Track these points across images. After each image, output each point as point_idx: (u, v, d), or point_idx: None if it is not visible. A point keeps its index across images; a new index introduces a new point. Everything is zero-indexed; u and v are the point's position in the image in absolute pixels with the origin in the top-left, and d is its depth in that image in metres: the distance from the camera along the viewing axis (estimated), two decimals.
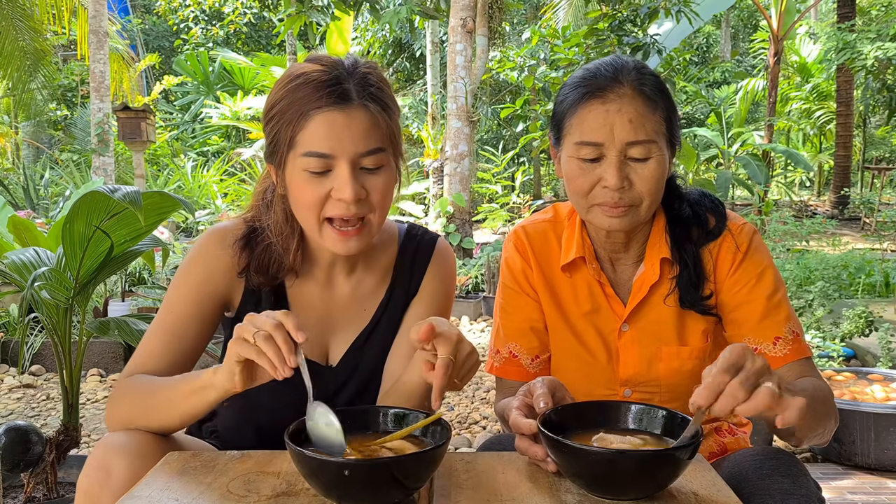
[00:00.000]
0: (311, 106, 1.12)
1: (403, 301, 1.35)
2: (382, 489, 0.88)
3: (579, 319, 1.37)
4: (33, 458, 2.29)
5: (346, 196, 1.13)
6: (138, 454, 1.07)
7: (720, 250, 1.32)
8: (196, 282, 1.27)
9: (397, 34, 15.53)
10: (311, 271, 1.32)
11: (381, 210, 1.20)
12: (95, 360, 4.54)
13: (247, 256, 1.27)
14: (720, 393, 0.88)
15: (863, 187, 15.62)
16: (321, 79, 1.13)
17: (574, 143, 1.24)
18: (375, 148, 1.15)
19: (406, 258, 1.36)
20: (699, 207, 1.35)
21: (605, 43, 7.48)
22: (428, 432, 0.99)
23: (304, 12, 7.90)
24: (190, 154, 13.74)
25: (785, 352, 1.27)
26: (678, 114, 1.30)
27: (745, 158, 11.18)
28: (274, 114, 1.16)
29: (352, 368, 1.33)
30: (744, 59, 21.53)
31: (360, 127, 1.14)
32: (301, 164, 1.14)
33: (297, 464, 0.90)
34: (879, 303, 4.92)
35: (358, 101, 1.14)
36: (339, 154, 1.13)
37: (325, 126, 1.12)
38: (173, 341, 1.24)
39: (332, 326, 1.33)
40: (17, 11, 8.82)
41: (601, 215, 1.25)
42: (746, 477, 1.12)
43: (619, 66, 1.25)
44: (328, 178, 1.15)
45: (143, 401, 1.14)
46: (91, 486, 1.06)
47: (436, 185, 10.70)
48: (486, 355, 1.53)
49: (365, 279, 1.34)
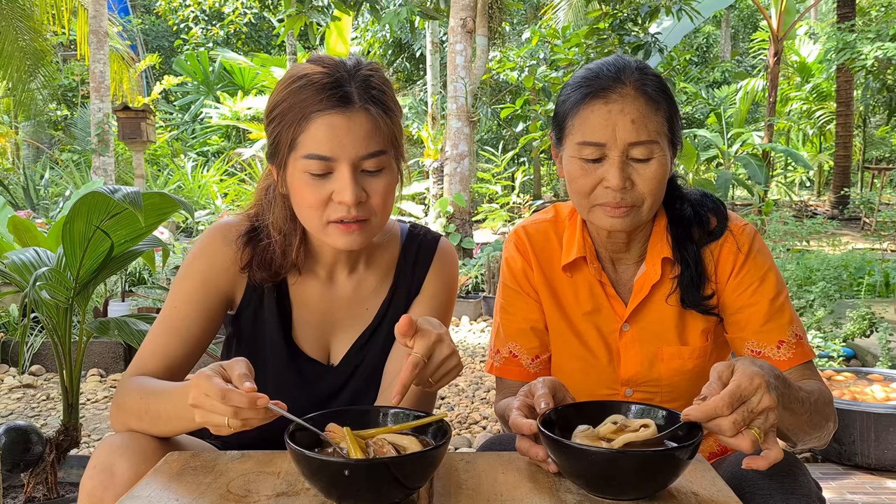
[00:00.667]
0: (313, 108, 1.13)
1: (405, 300, 1.35)
2: (382, 489, 0.88)
3: (580, 319, 1.37)
4: (33, 458, 2.29)
5: (346, 199, 1.13)
6: (141, 455, 1.07)
7: (721, 251, 1.32)
8: (200, 278, 1.26)
9: (397, 35, 15.53)
10: (313, 269, 1.32)
11: (381, 212, 1.20)
12: (95, 360, 4.54)
13: (250, 252, 1.27)
14: (713, 418, 0.91)
15: (863, 187, 15.62)
16: (323, 81, 1.14)
17: (576, 144, 1.24)
18: (376, 151, 1.16)
19: (408, 258, 1.36)
20: (700, 208, 1.35)
21: (606, 42, 7.48)
22: (428, 432, 0.99)
23: (305, 13, 7.90)
24: (190, 154, 13.74)
25: (789, 355, 1.27)
26: (680, 114, 1.30)
27: (745, 158, 11.18)
28: (276, 115, 1.17)
29: (353, 368, 1.33)
30: (744, 59, 21.54)
31: (361, 130, 1.14)
32: (302, 166, 1.14)
33: (297, 464, 0.90)
34: (880, 303, 4.92)
35: (359, 105, 1.14)
36: (339, 157, 1.13)
37: (326, 129, 1.12)
38: (177, 339, 1.23)
39: (333, 325, 1.33)
40: (16, 12, 8.82)
41: (603, 215, 1.25)
42: (747, 476, 1.12)
43: (621, 66, 1.25)
44: (329, 181, 1.15)
45: (139, 412, 1.13)
46: (94, 488, 1.06)
47: (436, 185, 10.70)
48: (486, 355, 1.53)
49: (367, 278, 1.34)
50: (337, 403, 1.31)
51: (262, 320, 1.31)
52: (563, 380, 1.13)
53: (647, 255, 1.34)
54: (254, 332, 1.32)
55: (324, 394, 1.32)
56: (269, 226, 1.27)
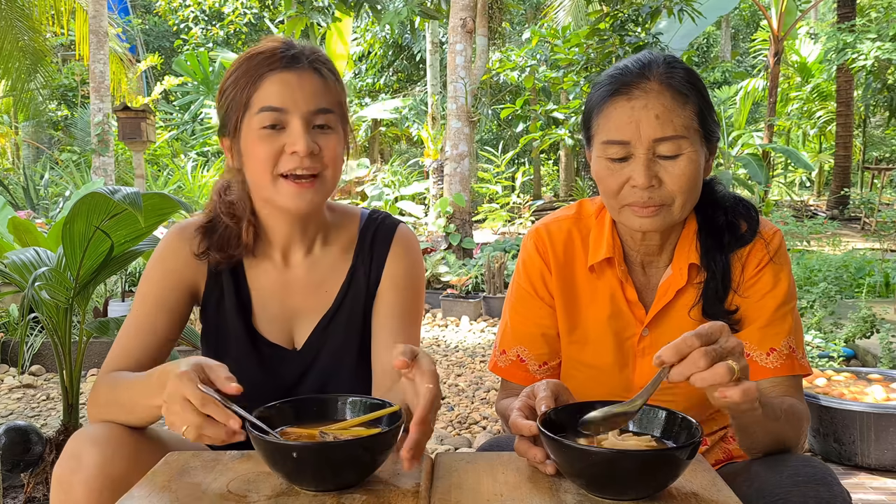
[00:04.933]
0: (265, 69, 1.20)
1: (365, 284, 1.35)
2: (333, 471, 0.90)
3: (597, 324, 1.33)
4: (33, 458, 2.30)
5: (299, 148, 1.19)
6: (108, 443, 1.10)
7: (749, 257, 1.29)
8: (161, 276, 1.31)
9: (397, 34, 15.54)
10: (267, 252, 1.34)
11: (333, 167, 1.24)
12: (95, 360, 4.53)
13: (207, 240, 1.31)
14: (685, 356, 0.91)
15: (863, 187, 15.62)
16: (273, 48, 1.23)
17: (601, 143, 1.21)
18: (326, 108, 1.22)
19: (366, 239, 1.37)
20: (733, 214, 1.30)
21: (608, 43, 7.48)
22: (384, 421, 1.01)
23: (306, 14, 7.91)
24: (190, 154, 13.75)
25: (776, 364, 1.24)
26: (714, 108, 1.25)
27: (745, 158, 11.18)
28: (228, 85, 1.24)
29: (316, 352, 1.34)
30: (744, 59, 21.55)
31: (311, 86, 1.21)
32: (256, 122, 1.20)
33: (257, 449, 0.92)
34: (880, 303, 4.92)
35: (308, 65, 1.22)
36: (292, 109, 1.20)
37: (278, 84, 1.20)
38: (146, 336, 1.28)
39: (294, 309, 1.34)
40: (16, 12, 8.81)
41: (632, 216, 1.22)
42: (781, 483, 1.08)
43: (647, 62, 1.21)
44: (282, 135, 1.20)
45: (108, 404, 1.17)
46: (63, 474, 1.09)
47: (436, 185, 10.71)
48: (486, 356, 1.52)
49: (323, 259, 1.35)
50: (302, 389, 1.33)
51: (224, 308, 1.34)
52: (572, 387, 1.11)
53: (674, 259, 1.30)
54: (217, 320, 1.34)
55: (288, 379, 1.34)
56: (223, 209, 1.31)
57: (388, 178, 12.87)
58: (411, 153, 17.81)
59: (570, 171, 17.33)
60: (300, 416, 1.02)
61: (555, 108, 8.66)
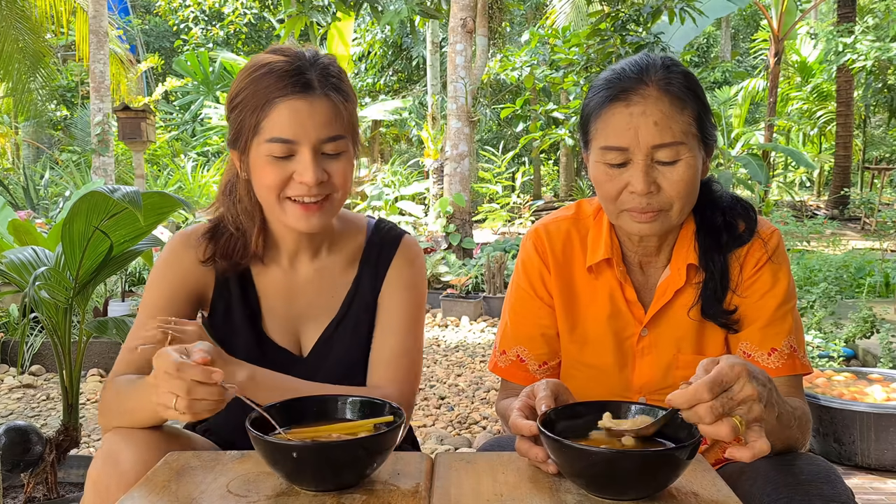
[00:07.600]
0: (276, 94, 1.17)
1: (371, 293, 1.36)
2: (332, 472, 0.91)
3: (596, 324, 1.34)
4: (33, 458, 2.29)
5: (307, 180, 1.18)
6: (145, 444, 1.10)
7: (747, 256, 1.29)
8: (166, 285, 1.31)
9: (396, 36, 15.53)
10: (275, 258, 1.34)
11: (342, 189, 1.24)
12: (95, 360, 4.53)
13: (213, 246, 1.31)
14: (694, 404, 0.90)
15: (863, 187, 15.62)
16: (284, 68, 1.18)
17: (600, 148, 1.21)
18: (336, 135, 1.20)
19: (373, 248, 1.37)
20: (731, 214, 1.31)
21: (608, 43, 7.48)
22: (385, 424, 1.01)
23: (305, 13, 7.90)
24: (190, 154, 13.74)
25: (777, 365, 1.25)
26: (711, 111, 1.25)
27: (745, 158, 11.17)
28: (238, 102, 1.21)
29: (323, 358, 1.34)
30: (744, 59, 21.54)
31: (322, 115, 1.19)
32: (265, 150, 1.19)
33: (256, 448, 0.93)
34: (880, 303, 4.92)
35: (320, 91, 1.19)
36: (302, 140, 1.18)
37: (288, 113, 1.17)
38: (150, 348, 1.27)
39: (301, 314, 1.35)
40: (15, 13, 8.81)
41: (630, 221, 1.22)
42: (785, 481, 1.08)
43: (644, 66, 1.20)
44: (291, 162, 1.19)
45: (116, 410, 1.17)
46: (99, 474, 1.09)
47: (436, 185, 10.70)
48: (486, 355, 1.52)
49: (330, 264, 1.36)
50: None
51: (233, 313, 1.34)
52: (572, 386, 1.11)
53: (672, 259, 1.30)
54: (225, 326, 1.35)
55: None
56: (230, 216, 1.30)
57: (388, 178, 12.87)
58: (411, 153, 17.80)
59: (570, 171, 17.34)
60: (300, 416, 1.02)
61: (555, 108, 8.66)
